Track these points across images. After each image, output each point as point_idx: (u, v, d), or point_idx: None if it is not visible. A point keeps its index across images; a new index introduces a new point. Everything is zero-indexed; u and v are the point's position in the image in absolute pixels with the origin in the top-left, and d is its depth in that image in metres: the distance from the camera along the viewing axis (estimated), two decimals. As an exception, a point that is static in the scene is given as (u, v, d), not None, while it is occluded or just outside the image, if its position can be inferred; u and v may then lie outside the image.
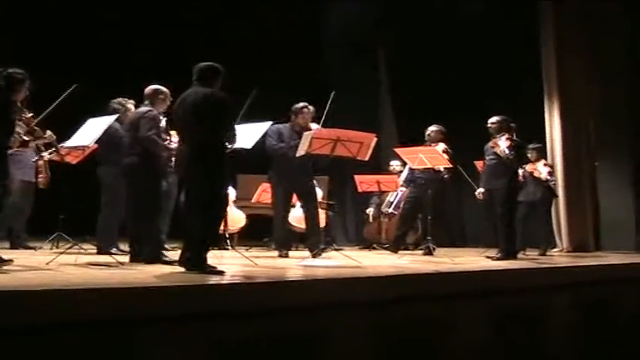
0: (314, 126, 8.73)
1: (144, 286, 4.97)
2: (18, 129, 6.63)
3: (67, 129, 7.88)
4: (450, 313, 6.39)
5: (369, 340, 5.64)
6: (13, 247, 9.05)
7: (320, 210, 9.27)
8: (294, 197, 9.37)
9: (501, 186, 9.14)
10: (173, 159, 7.48)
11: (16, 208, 8.84)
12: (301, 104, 8.99)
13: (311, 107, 8.97)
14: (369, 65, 15.16)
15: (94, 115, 7.79)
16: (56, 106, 7.60)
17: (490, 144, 9.30)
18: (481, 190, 9.91)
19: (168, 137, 7.46)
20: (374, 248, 11.68)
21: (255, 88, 7.41)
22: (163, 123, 7.33)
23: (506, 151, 9.00)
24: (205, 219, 6.14)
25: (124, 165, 7.32)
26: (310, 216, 8.95)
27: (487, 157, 9.40)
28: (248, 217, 11.04)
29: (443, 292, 6.50)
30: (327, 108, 8.66)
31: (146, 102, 7.48)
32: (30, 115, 7.06)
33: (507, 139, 9.12)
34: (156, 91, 7.51)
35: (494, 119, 9.39)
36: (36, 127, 7.18)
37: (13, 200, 8.59)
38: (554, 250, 12.09)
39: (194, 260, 6.00)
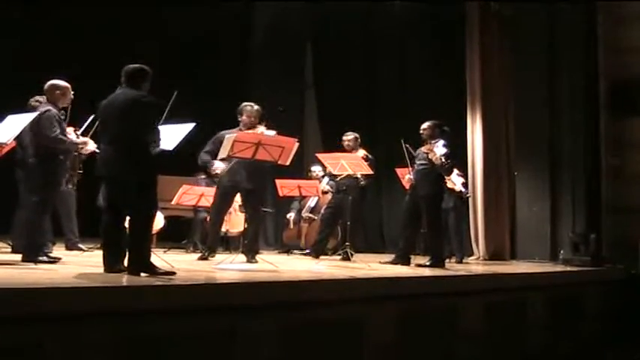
0: (261, 128, 8.70)
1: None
2: None
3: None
4: (363, 316, 6.52)
5: (281, 343, 5.73)
6: None
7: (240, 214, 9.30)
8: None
9: (431, 193, 9.21)
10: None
11: None
12: (245, 103, 8.95)
13: (255, 105, 8.89)
14: (294, 69, 15.20)
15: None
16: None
17: (423, 149, 9.28)
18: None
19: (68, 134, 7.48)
20: (292, 253, 11.74)
21: (176, 91, 7.38)
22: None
23: (442, 159, 8.97)
24: (137, 222, 6.14)
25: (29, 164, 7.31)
26: (252, 220, 8.88)
27: (417, 163, 9.37)
28: (167, 218, 10.98)
29: (356, 296, 6.62)
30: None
31: (43, 98, 7.47)
32: None
33: (445, 145, 9.11)
34: (53, 86, 7.46)
35: (426, 124, 9.39)
36: None
37: None
38: (471, 257, 12.28)
39: (141, 264, 5.98)
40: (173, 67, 12.58)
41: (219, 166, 8.57)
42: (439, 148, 9.04)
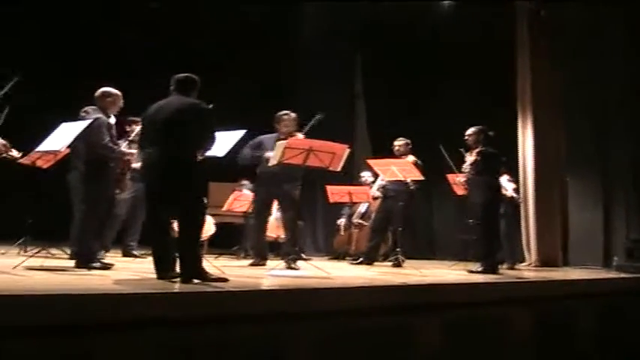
0: (300, 136, 8.68)
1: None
2: None
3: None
4: (413, 323, 6.47)
5: (332, 349, 5.69)
6: None
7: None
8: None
9: (486, 200, 9.18)
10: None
11: None
12: (282, 112, 8.98)
13: (292, 114, 8.93)
14: (345, 76, 15.19)
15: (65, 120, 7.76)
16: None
17: (469, 156, 9.33)
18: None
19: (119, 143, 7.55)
20: (343, 259, 11.71)
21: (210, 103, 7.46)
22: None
23: (467, 168, 9.17)
24: (188, 228, 6.16)
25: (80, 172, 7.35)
26: (289, 225, 8.89)
27: (466, 171, 9.40)
28: (217, 225, 11.01)
29: (409, 303, 6.57)
30: (308, 127, 8.66)
31: (95, 106, 7.50)
32: None
33: (477, 152, 9.17)
34: (104, 93, 7.52)
35: (471, 130, 9.41)
36: None
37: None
38: (523, 264, 12.16)
39: (193, 271, 6.01)
40: (218, 71, 12.59)
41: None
42: (470, 157, 9.25)
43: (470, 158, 9.27)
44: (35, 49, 12.05)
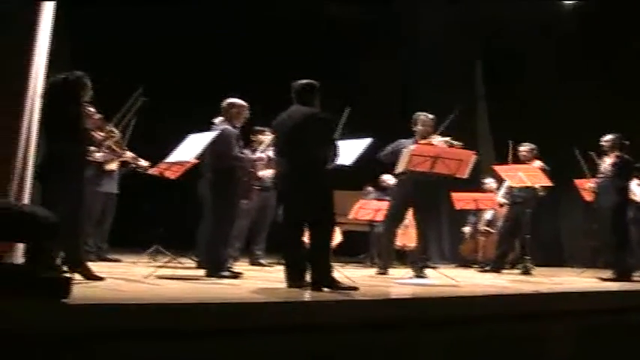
0: (438, 138, 8.57)
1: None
2: (95, 135, 6.70)
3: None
4: (545, 331, 6.33)
5: (466, 359, 5.61)
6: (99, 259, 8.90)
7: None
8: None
9: (615, 204, 9.06)
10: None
11: (96, 219, 9.03)
12: (419, 113, 8.80)
13: (430, 115, 8.74)
14: (465, 79, 15.02)
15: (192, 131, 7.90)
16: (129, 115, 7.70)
17: (606, 161, 9.24)
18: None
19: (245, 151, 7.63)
20: (470, 267, 11.56)
21: (348, 107, 7.43)
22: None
23: (608, 170, 9.05)
24: (319, 238, 6.20)
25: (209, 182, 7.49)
26: (423, 233, 8.71)
27: (599, 175, 9.33)
28: (343, 233, 11.03)
29: (541, 311, 6.44)
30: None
31: (221, 117, 7.61)
32: (98, 116, 6.96)
33: (616, 156, 9.11)
34: (231, 104, 7.61)
35: (608, 137, 9.32)
36: (109, 129, 7.29)
37: (94, 212, 8.76)
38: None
39: (324, 279, 6.05)
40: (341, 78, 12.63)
41: None
42: (608, 159, 9.16)
43: (608, 160, 9.15)
44: (168, 63, 12.32)
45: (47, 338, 3.90)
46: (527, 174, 9.52)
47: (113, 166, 9.11)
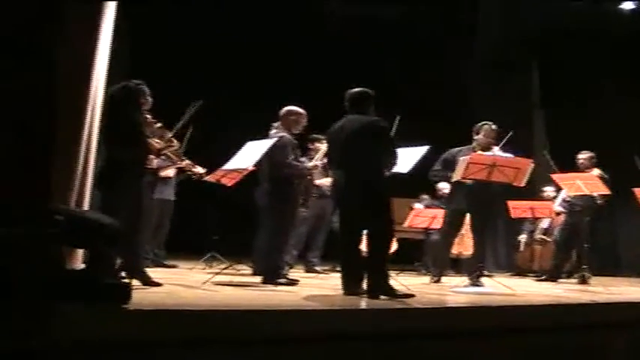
0: (496, 149, 8.49)
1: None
2: (154, 143, 6.81)
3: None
4: (605, 342, 6.26)
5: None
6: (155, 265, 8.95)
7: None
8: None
9: None
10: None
11: (154, 226, 9.10)
12: (483, 122, 8.68)
13: (494, 125, 8.64)
14: (521, 88, 14.90)
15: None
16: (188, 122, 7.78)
17: None
18: None
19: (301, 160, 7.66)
20: (526, 275, 11.46)
21: (398, 115, 7.42)
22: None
23: None
24: (377, 246, 6.22)
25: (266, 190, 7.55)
26: (479, 241, 8.61)
27: None
28: (397, 241, 11.00)
29: (599, 321, 6.37)
30: (502, 143, 8.48)
31: (278, 123, 7.64)
32: (158, 125, 7.14)
33: None
34: (288, 112, 7.64)
35: None
36: (169, 137, 7.32)
37: (150, 218, 8.74)
38: None
39: (381, 287, 6.07)
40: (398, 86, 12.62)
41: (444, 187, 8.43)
42: None
43: None
44: (220, 71, 12.41)
45: (109, 344, 3.96)
46: (586, 182, 9.39)
47: (170, 172, 9.21)
